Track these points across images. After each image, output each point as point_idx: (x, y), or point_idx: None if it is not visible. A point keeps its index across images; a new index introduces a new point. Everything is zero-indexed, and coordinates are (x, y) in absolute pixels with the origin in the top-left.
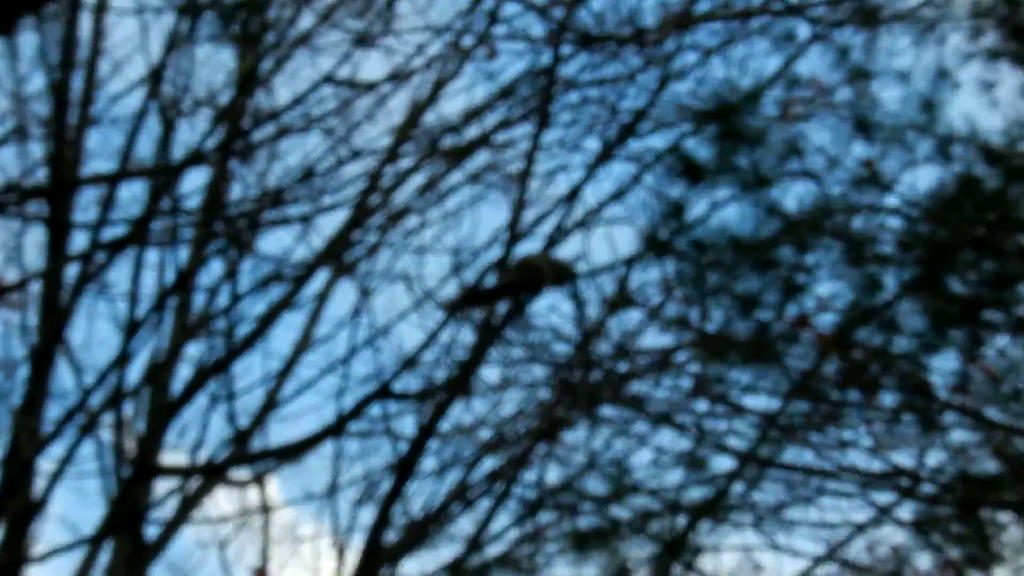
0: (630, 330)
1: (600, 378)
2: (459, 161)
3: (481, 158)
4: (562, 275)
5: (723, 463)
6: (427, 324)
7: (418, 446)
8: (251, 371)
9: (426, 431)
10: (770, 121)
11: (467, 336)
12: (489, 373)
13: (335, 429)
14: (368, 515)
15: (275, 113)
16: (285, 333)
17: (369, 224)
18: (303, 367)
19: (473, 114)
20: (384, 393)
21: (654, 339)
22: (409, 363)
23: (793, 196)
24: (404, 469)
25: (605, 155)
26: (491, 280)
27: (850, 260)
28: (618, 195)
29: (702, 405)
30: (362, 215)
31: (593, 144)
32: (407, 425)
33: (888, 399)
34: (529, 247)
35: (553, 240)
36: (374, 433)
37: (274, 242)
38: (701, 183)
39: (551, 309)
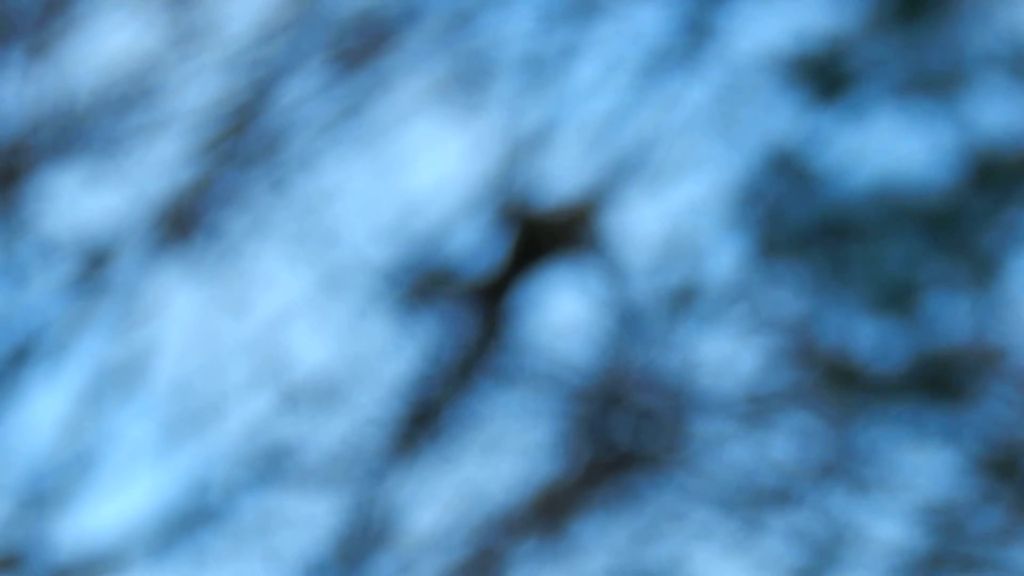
0: (694, 340)
1: (645, 419)
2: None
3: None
4: (576, 230)
5: None
6: (350, 327)
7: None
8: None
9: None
10: None
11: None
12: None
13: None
14: None
15: None
16: (89, 347)
17: (233, 153)
18: (122, 407)
19: None
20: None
21: (743, 360)
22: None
23: (995, 120)
24: None
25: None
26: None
27: None
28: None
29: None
30: (227, 133)
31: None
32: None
33: None
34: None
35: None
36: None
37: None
38: (837, 97)
39: (562, 294)
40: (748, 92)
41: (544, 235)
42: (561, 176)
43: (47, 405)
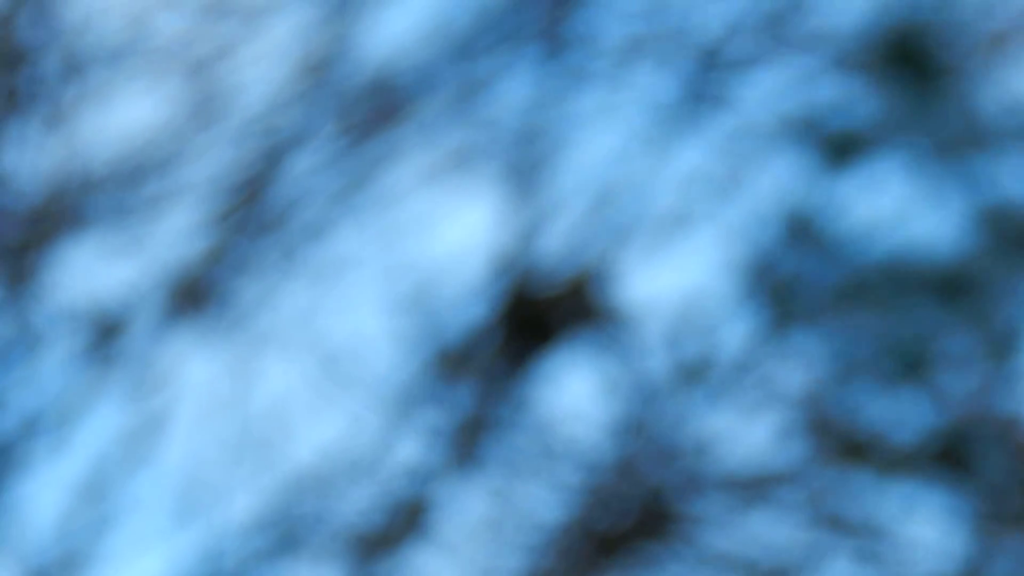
0: (706, 413)
1: (656, 494)
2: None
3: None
4: (585, 303)
5: None
6: (359, 400)
7: None
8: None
9: None
10: (969, 54)
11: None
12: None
13: None
14: None
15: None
16: (101, 417)
17: (246, 223)
18: (134, 477)
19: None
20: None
21: (755, 432)
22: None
23: (1011, 185)
24: None
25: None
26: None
27: None
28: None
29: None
30: (239, 203)
31: (652, 88)
32: None
33: None
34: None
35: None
36: None
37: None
38: (851, 163)
39: (572, 376)
40: (760, 159)
41: (552, 309)
42: (570, 248)
43: (60, 475)
